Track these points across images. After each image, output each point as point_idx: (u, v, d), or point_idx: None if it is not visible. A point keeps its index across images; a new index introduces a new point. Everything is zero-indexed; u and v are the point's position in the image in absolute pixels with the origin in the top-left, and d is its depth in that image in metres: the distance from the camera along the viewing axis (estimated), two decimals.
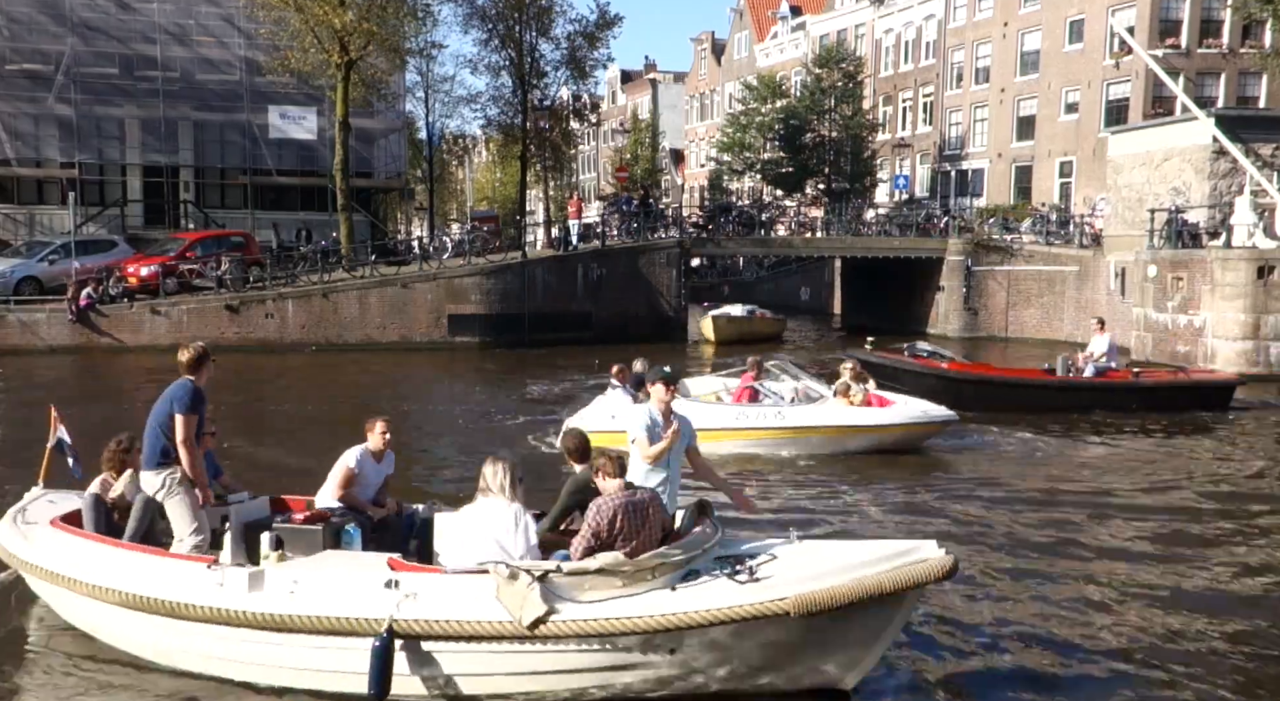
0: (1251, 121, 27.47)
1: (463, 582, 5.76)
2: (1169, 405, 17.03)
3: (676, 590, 5.65)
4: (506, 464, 6.11)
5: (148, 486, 6.71)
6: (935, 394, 15.76)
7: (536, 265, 30.86)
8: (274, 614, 5.88)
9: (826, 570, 5.70)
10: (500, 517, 5.94)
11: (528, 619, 5.43)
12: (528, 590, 5.49)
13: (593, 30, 38.31)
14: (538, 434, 15.05)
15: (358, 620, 5.69)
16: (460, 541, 6.05)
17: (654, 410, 7.05)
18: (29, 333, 26.89)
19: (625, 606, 5.55)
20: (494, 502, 5.99)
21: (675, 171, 72.72)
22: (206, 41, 35.76)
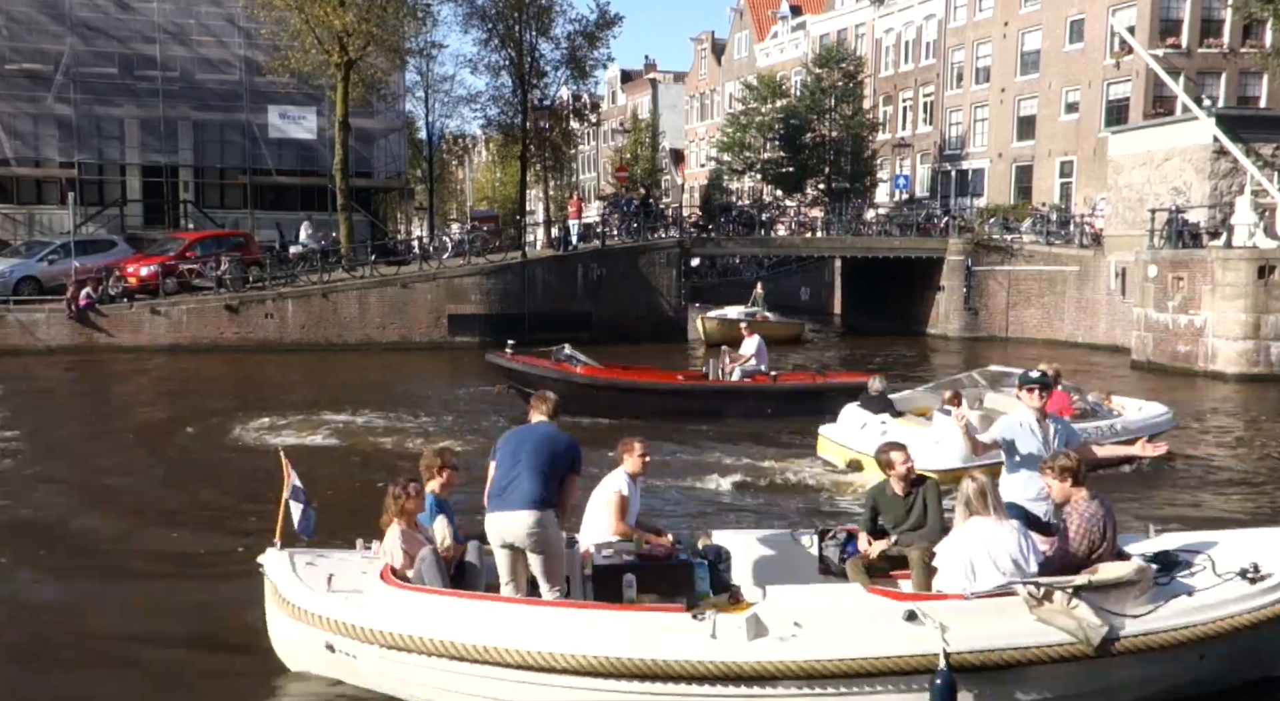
0: (1252, 121, 27.46)
1: (991, 607, 5.47)
2: (811, 409, 16.06)
3: (1194, 595, 5.71)
4: (985, 480, 5.91)
5: (521, 528, 5.96)
6: (569, 400, 15.39)
7: (536, 265, 30.84)
8: (803, 662, 5.25)
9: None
10: (1001, 536, 5.74)
11: (1096, 638, 5.29)
12: (1071, 608, 5.35)
13: (593, 30, 38.30)
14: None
15: (909, 658, 5.23)
16: (959, 565, 5.74)
17: (1026, 417, 6.82)
18: (28, 333, 26.85)
19: (1170, 615, 5.55)
20: (986, 522, 5.78)
21: (675, 171, 72.70)
22: (206, 41, 35.74)
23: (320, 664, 6.12)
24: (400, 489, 6.40)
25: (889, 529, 7.05)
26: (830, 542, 7.10)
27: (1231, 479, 12.91)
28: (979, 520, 5.79)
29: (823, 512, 10.77)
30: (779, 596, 5.70)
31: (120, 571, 8.97)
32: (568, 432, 6.39)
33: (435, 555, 6.18)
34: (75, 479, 12.70)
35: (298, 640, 6.20)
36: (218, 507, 11.17)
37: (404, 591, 5.87)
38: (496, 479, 6.21)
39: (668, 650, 5.29)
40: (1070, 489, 6.01)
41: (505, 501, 6.05)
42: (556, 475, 6.11)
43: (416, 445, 13.67)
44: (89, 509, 11.06)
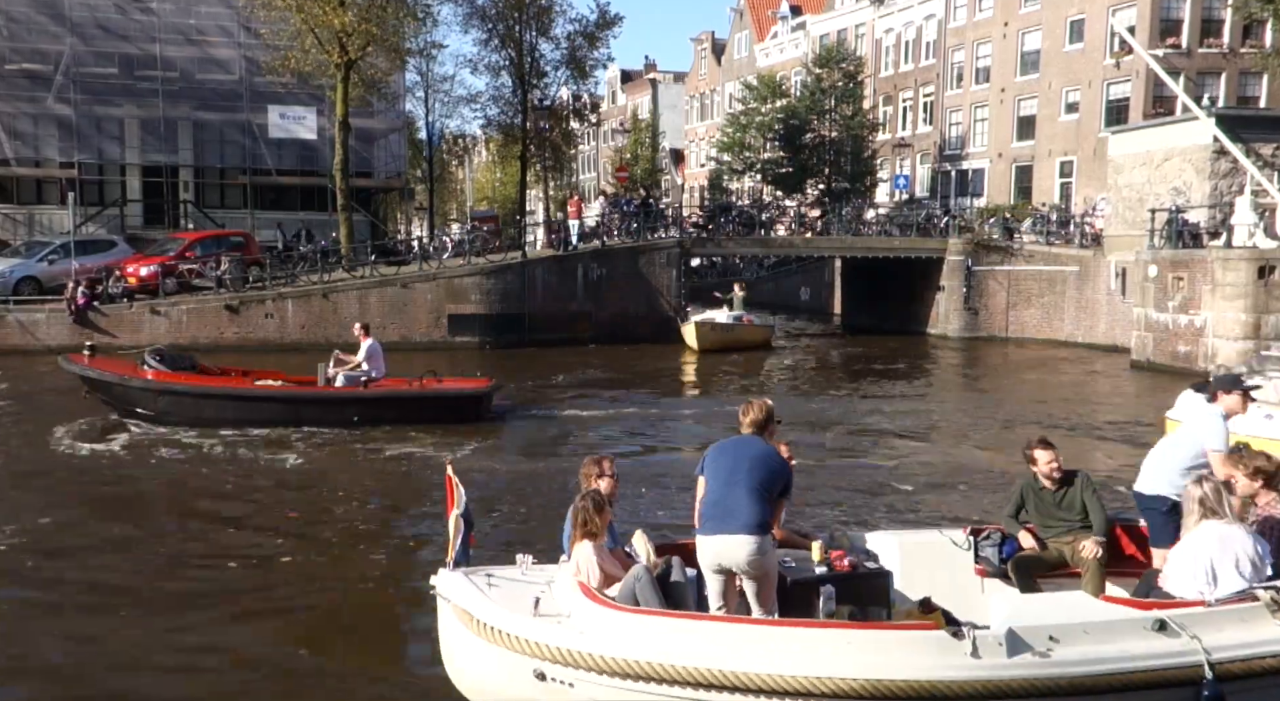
0: (1252, 121, 27.46)
1: (1235, 613, 5.37)
2: (409, 416, 15.74)
3: None
4: (1213, 482, 5.80)
5: (740, 553, 5.67)
6: (127, 403, 15.65)
7: (536, 265, 30.83)
8: (1069, 676, 5.08)
9: None
10: (1238, 539, 5.64)
11: None
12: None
13: (593, 30, 38.37)
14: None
15: (1172, 669, 5.08)
16: (1199, 569, 5.62)
17: (1224, 420, 6.72)
18: (28, 333, 26.85)
19: None
20: (1220, 525, 5.67)
21: (675, 171, 72.70)
22: (206, 41, 35.72)
23: (525, 693, 5.59)
24: (594, 502, 6.03)
25: (1038, 525, 6.94)
26: (986, 542, 6.94)
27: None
28: (1212, 523, 5.68)
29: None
30: (1018, 608, 5.51)
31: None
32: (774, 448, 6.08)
33: (650, 574, 5.81)
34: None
35: (499, 668, 5.67)
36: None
37: (622, 613, 5.47)
38: (710, 497, 5.85)
39: (930, 670, 5.03)
40: (1260, 490, 6.04)
41: (723, 524, 5.71)
42: (773, 496, 5.84)
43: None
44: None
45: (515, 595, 5.81)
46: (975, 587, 6.87)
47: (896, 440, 15.71)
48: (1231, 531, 5.65)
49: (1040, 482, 6.97)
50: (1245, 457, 6.15)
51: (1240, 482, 6.04)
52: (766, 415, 6.11)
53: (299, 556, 9.62)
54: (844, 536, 7.00)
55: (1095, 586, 6.43)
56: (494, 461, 13.83)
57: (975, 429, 16.97)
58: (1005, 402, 20.43)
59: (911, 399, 20.46)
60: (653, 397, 20.29)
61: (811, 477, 12.03)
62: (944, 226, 35.61)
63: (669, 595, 5.88)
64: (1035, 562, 6.75)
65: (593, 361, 25.66)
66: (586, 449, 13.21)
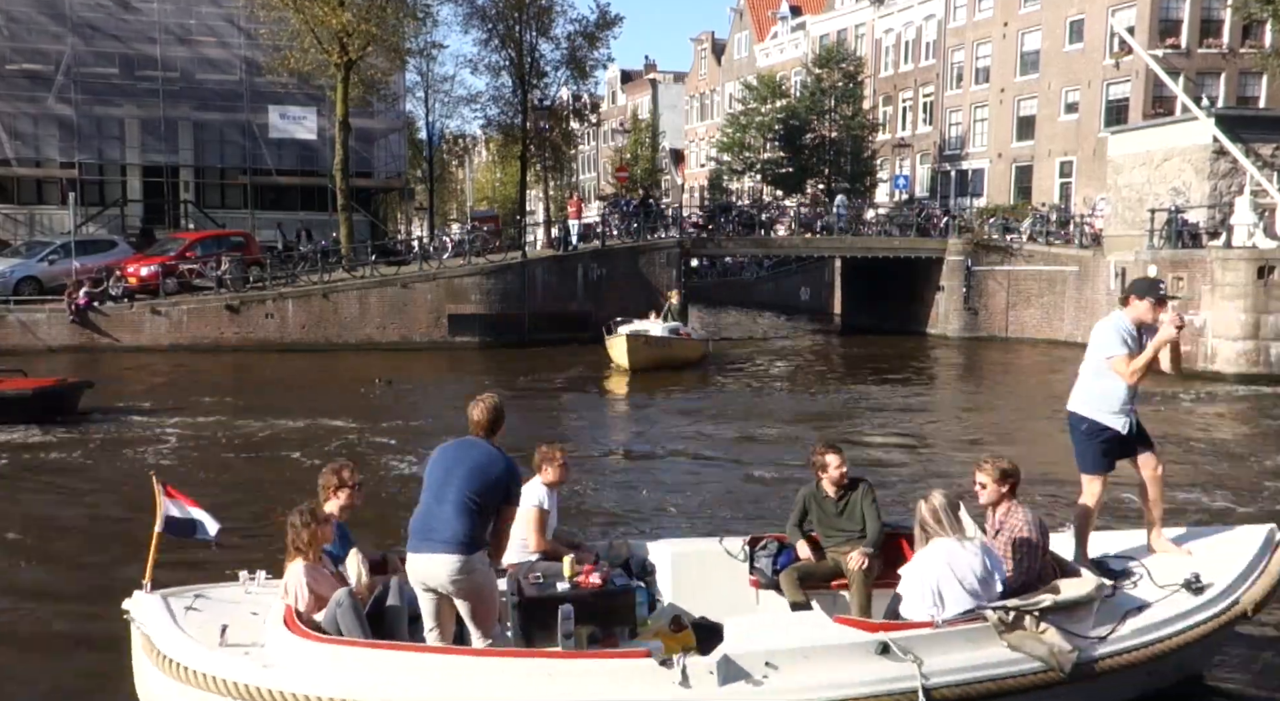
0: (1251, 121, 27.47)
1: (962, 634, 5.19)
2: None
3: (1145, 611, 5.58)
4: (942, 497, 5.58)
5: (443, 572, 5.14)
6: None
7: (536, 265, 30.86)
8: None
9: (1224, 564, 6.01)
10: (964, 557, 5.43)
11: (1068, 664, 5.09)
12: (1040, 632, 5.16)
13: (593, 30, 38.35)
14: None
15: (886, 695, 4.94)
16: (926, 590, 5.42)
17: (1128, 324, 6.29)
18: (29, 333, 26.88)
19: (1129, 634, 5.41)
20: (947, 543, 5.46)
21: (675, 171, 72.73)
22: (206, 41, 35.76)
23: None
24: (303, 517, 5.40)
25: (820, 534, 6.69)
26: (762, 553, 6.65)
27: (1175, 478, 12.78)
28: (942, 540, 5.48)
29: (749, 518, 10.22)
30: (747, 632, 5.18)
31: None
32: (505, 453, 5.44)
33: (353, 599, 5.27)
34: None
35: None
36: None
37: (316, 643, 4.97)
38: (418, 510, 5.32)
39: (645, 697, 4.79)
40: (1005, 496, 5.84)
41: (426, 540, 5.18)
42: (489, 508, 5.22)
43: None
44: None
45: (210, 622, 5.32)
46: (750, 600, 6.59)
47: (888, 441, 15.69)
48: (960, 548, 5.44)
49: (823, 491, 6.69)
50: (993, 461, 5.95)
51: (989, 489, 5.87)
52: (493, 415, 5.40)
53: None
54: (624, 544, 6.70)
55: (860, 601, 6.21)
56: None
57: (972, 430, 16.97)
58: (1004, 403, 20.45)
59: (909, 399, 20.46)
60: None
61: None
62: (944, 226, 35.65)
63: (381, 621, 5.43)
64: (807, 575, 6.46)
65: (596, 359, 25.57)
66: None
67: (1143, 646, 5.37)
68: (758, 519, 9.84)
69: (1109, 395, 6.29)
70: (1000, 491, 5.84)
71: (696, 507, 11.06)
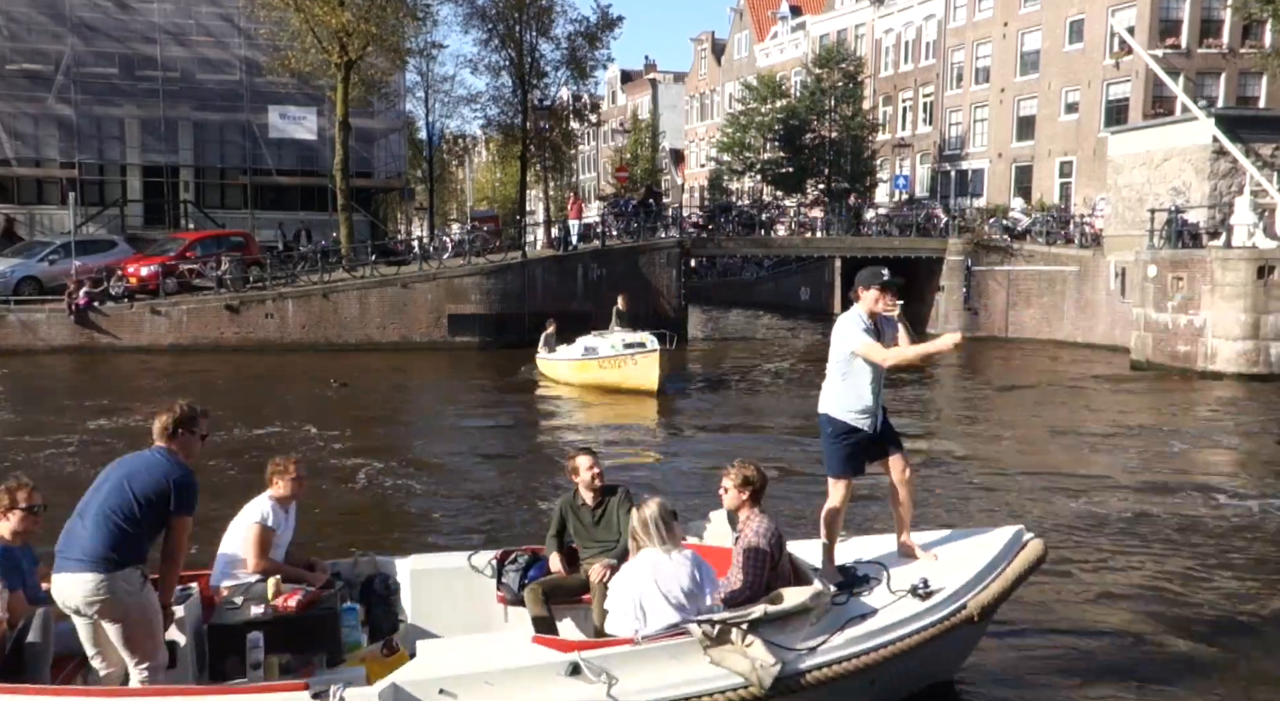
0: (1251, 121, 27.47)
1: (663, 651, 4.91)
2: None
3: (869, 618, 5.42)
4: (655, 506, 5.31)
5: (78, 593, 4.74)
6: None
7: (536, 265, 30.85)
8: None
9: (961, 567, 5.94)
10: (671, 568, 5.19)
11: (767, 678, 4.82)
12: (746, 646, 4.91)
13: (593, 30, 38.34)
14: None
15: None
16: (629, 603, 5.17)
17: (863, 316, 6.14)
18: (29, 333, 26.89)
19: (845, 643, 5.20)
20: (655, 554, 5.22)
21: (675, 171, 72.73)
22: (206, 41, 35.77)
23: None
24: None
25: (579, 545, 6.36)
26: (511, 567, 6.32)
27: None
28: (650, 551, 5.20)
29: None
30: (429, 655, 4.86)
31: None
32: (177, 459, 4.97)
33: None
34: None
35: None
36: None
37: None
38: (67, 524, 4.92)
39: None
40: (745, 502, 5.61)
41: (63, 559, 4.77)
42: (145, 521, 4.80)
43: None
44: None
45: None
46: (497, 618, 6.30)
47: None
48: (667, 560, 5.18)
49: (580, 499, 6.36)
50: (738, 466, 5.68)
51: (730, 494, 5.65)
52: (177, 419, 4.98)
53: None
54: (370, 562, 6.27)
55: (600, 616, 5.80)
56: None
57: (969, 430, 16.96)
58: (1003, 403, 20.44)
59: (907, 399, 20.46)
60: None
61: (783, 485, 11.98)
62: (944, 226, 35.66)
63: (20, 656, 4.95)
64: (556, 589, 6.13)
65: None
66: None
67: (855, 656, 5.14)
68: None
69: (854, 395, 6.13)
70: (741, 498, 5.62)
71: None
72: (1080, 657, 6.86)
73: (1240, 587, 8.44)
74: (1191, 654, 6.99)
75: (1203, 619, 7.68)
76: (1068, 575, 8.60)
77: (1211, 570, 8.86)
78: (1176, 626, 7.48)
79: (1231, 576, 8.72)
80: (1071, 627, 7.38)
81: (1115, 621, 7.53)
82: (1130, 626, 7.44)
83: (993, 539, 6.29)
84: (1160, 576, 8.69)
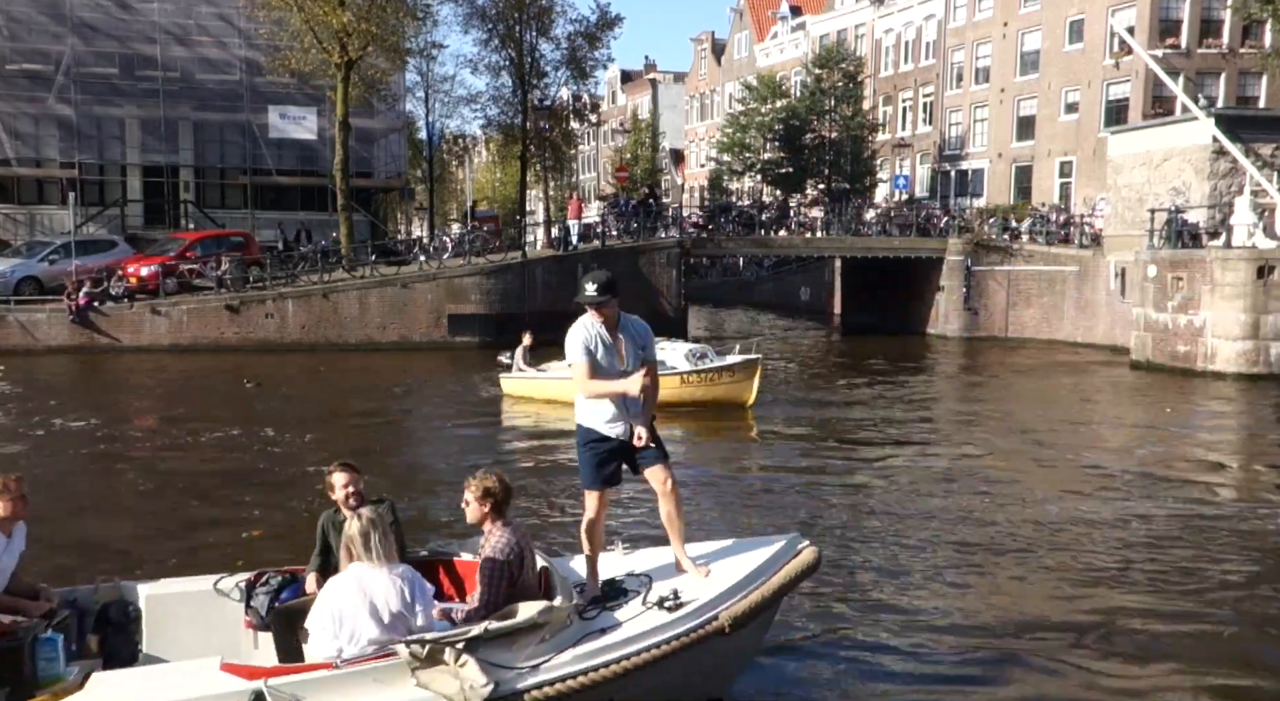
0: (1251, 121, 27.48)
1: (366, 674, 4.55)
2: None
3: (610, 632, 5.12)
4: (369, 517, 5.04)
5: None
6: None
7: (536, 265, 30.86)
8: None
9: (720, 579, 5.63)
10: (382, 584, 4.89)
11: (477, 699, 4.57)
12: (459, 666, 4.60)
13: (593, 30, 38.34)
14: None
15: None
16: (330, 623, 4.82)
17: (596, 326, 5.74)
18: (29, 333, 26.89)
19: (576, 658, 4.90)
20: (365, 568, 4.94)
21: (675, 171, 72.73)
22: (206, 41, 35.74)
23: None
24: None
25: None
26: (262, 589, 5.88)
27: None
28: (358, 565, 4.92)
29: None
30: (102, 686, 4.47)
31: None
32: None
33: None
34: None
35: None
36: None
37: None
38: None
39: None
40: (488, 515, 5.32)
41: None
42: None
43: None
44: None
45: None
46: (248, 643, 5.84)
47: (877, 443, 15.70)
48: (376, 576, 4.89)
49: (342, 514, 5.87)
50: (479, 478, 5.40)
51: (471, 507, 5.37)
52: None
53: None
54: (113, 588, 5.77)
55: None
56: None
57: (968, 431, 16.97)
58: (1003, 403, 20.44)
59: (905, 399, 20.46)
60: None
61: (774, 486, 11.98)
62: (944, 226, 35.66)
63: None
64: (305, 611, 5.64)
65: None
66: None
67: (584, 672, 4.84)
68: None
69: (601, 403, 5.77)
70: (482, 510, 5.33)
71: None
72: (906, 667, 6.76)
73: (1221, 596, 8.42)
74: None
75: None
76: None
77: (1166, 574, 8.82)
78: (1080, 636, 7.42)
79: (1204, 581, 8.71)
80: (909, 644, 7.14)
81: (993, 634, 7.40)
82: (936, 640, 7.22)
83: (764, 549, 6.01)
84: (1106, 579, 8.65)
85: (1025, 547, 9.46)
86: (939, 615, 7.65)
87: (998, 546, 9.50)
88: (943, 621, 7.51)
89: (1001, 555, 9.25)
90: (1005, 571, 8.81)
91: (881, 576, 8.60)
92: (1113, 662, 6.82)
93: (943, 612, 7.71)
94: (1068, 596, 8.11)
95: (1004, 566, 8.95)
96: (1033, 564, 8.98)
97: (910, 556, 9.14)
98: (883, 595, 8.11)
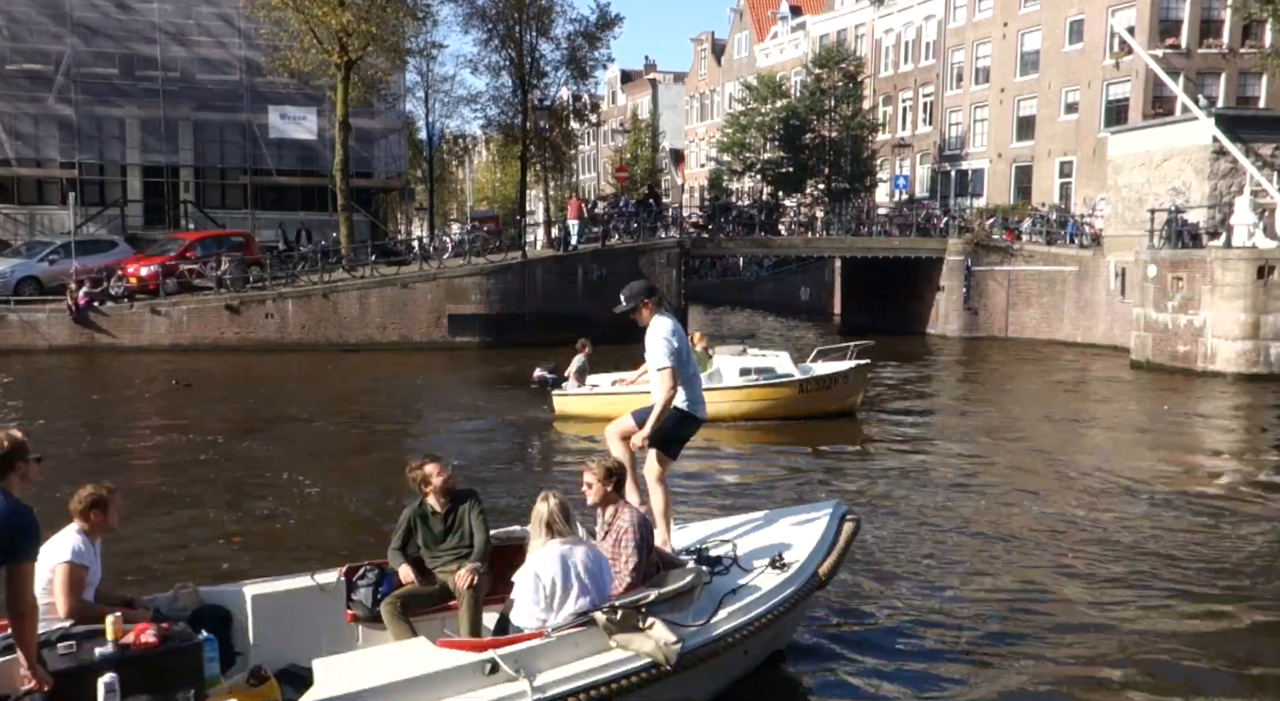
0: (1251, 121, 27.48)
1: (572, 640, 5.05)
2: None
3: (739, 592, 5.83)
4: (554, 501, 5.45)
5: None
6: None
7: (536, 265, 30.86)
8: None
9: (803, 543, 6.52)
10: (577, 558, 5.33)
11: (674, 656, 5.08)
12: (647, 628, 5.14)
13: (593, 30, 38.35)
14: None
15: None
16: (538, 596, 5.27)
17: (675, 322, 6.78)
18: (29, 333, 26.90)
19: (731, 615, 5.61)
20: (560, 546, 5.35)
21: (675, 171, 72.73)
22: (206, 41, 35.75)
23: None
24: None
25: (426, 555, 6.18)
26: (360, 583, 6.07)
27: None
28: (554, 544, 5.32)
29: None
30: (338, 671, 4.64)
31: None
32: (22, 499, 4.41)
33: None
34: None
35: None
36: None
37: None
38: None
39: None
40: (612, 495, 5.75)
41: None
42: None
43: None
44: None
45: None
46: (350, 637, 6.02)
47: (876, 442, 15.71)
48: (573, 551, 5.30)
49: (429, 506, 6.19)
50: (599, 461, 5.80)
51: (594, 489, 5.73)
52: (6, 451, 4.49)
53: None
54: (192, 593, 5.76)
55: (470, 620, 5.80)
56: None
57: (968, 432, 16.97)
58: (1002, 403, 20.43)
59: (903, 399, 20.47)
60: None
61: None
62: (944, 226, 35.66)
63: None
64: (412, 600, 5.97)
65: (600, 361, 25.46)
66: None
67: (741, 627, 5.55)
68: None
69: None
70: (606, 490, 5.73)
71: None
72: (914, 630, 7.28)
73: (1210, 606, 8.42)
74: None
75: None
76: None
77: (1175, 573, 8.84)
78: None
79: (1195, 589, 8.72)
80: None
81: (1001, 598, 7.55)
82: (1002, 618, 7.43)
83: (818, 513, 7.03)
84: (1113, 583, 8.68)
85: (1025, 547, 9.47)
86: (939, 615, 7.67)
87: (997, 546, 9.51)
88: (942, 621, 7.54)
89: (1001, 554, 9.26)
90: (1006, 571, 8.80)
91: (874, 579, 8.60)
92: (1113, 662, 6.83)
93: (943, 613, 7.73)
94: (1067, 597, 8.11)
95: (1004, 566, 8.95)
96: (1033, 563, 8.99)
97: (910, 555, 9.14)
98: (881, 590, 8.13)
